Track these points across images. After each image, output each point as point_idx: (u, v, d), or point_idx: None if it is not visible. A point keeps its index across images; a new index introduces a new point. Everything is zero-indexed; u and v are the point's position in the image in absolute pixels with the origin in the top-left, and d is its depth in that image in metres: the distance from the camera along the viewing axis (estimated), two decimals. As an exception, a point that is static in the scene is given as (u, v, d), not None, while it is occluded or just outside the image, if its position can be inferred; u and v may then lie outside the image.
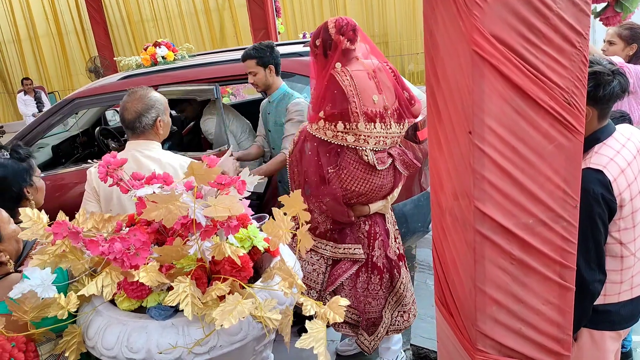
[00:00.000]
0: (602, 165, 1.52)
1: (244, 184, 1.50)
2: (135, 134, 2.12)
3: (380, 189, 2.30)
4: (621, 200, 1.52)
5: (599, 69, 1.53)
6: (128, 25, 10.29)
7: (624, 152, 1.57)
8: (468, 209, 1.23)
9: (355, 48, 2.18)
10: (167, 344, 1.38)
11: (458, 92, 1.18)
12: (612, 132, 1.62)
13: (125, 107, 2.11)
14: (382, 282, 2.46)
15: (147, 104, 2.09)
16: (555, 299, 1.28)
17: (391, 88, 2.23)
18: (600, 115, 1.58)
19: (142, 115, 2.08)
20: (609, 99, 1.54)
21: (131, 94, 2.15)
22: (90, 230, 1.48)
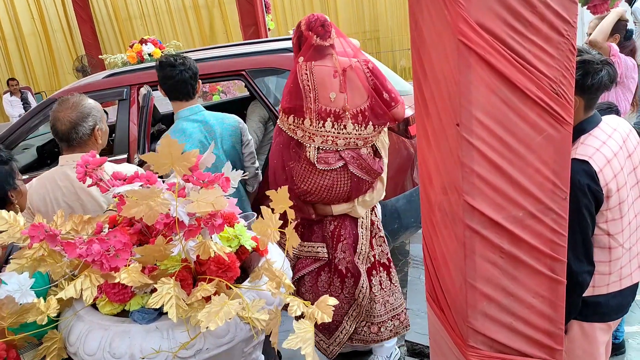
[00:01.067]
0: (587, 155, 1.50)
1: (228, 181, 1.46)
2: (70, 146, 1.93)
3: (328, 189, 2.19)
4: (608, 190, 1.50)
5: (588, 57, 1.50)
6: (115, 22, 10.16)
7: (610, 143, 1.55)
8: (457, 203, 1.20)
9: (329, 44, 2.14)
10: (150, 349, 1.34)
11: (445, 84, 1.14)
12: (598, 122, 1.60)
13: (57, 118, 1.90)
14: (344, 287, 2.36)
15: (83, 112, 1.91)
16: (546, 292, 1.26)
17: (361, 88, 2.17)
18: (587, 105, 1.56)
19: (78, 125, 1.90)
20: (597, 89, 1.52)
21: (62, 102, 1.95)
22: (69, 233, 1.44)
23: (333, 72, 2.12)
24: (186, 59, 2.40)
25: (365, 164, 2.19)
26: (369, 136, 2.19)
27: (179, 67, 2.35)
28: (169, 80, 2.37)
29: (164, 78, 2.38)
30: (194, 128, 2.38)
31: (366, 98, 2.17)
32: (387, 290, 2.46)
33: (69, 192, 1.92)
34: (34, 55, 10.54)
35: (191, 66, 2.39)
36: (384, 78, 2.23)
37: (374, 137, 2.23)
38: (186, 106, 2.42)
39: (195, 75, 2.41)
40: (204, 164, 1.54)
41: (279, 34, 8.82)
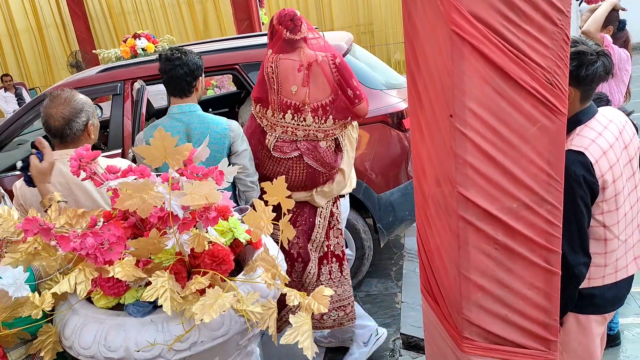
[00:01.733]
0: (583, 147, 1.50)
1: (222, 175, 1.46)
2: (64, 142, 1.90)
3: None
4: (603, 182, 1.50)
5: (583, 48, 1.50)
6: (109, 17, 10.10)
7: (606, 134, 1.55)
8: (451, 194, 1.20)
9: (299, 38, 2.20)
10: (145, 342, 1.34)
11: (438, 75, 1.14)
12: (594, 114, 1.60)
13: (50, 114, 1.87)
14: (293, 271, 2.43)
15: (76, 108, 1.89)
16: (541, 284, 1.26)
17: (325, 84, 2.21)
18: (583, 96, 1.56)
19: (72, 121, 1.87)
20: (592, 80, 1.52)
21: (54, 98, 1.90)
22: (63, 227, 1.43)
23: (298, 66, 2.18)
24: (185, 55, 2.26)
25: (320, 156, 2.27)
26: (329, 129, 2.26)
27: (174, 61, 2.23)
28: (163, 75, 2.28)
29: (160, 71, 2.30)
30: (173, 128, 2.23)
31: (329, 93, 2.23)
32: (335, 281, 2.51)
33: (62, 188, 1.91)
34: (28, 52, 10.47)
35: (188, 62, 2.24)
36: (350, 75, 2.26)
37: (336, 131, 2.29)
38: (179, 103, 2.30)
39: (193, 72, 2.25)
40: (199, 158, 1.54)
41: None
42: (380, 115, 3.20)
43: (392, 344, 2.90)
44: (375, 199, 3.24)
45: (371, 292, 3.43)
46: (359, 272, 3.37)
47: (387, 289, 3.44)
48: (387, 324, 3.07)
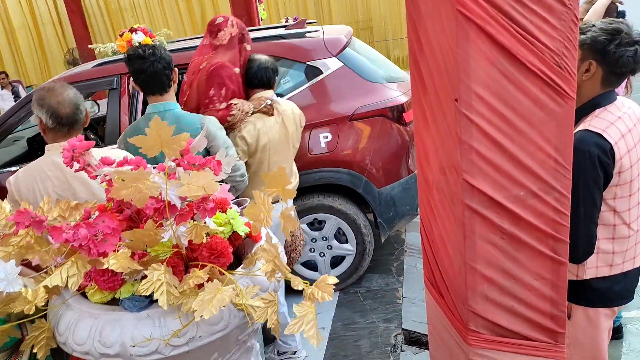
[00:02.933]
0: (601, 128, 1.47)
1: (220, 165, 1.42)
2: (73, 129, 1.87)
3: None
4: (621, 165, 1.47)
5: (623, 27, 1.46)
6: (106, 14, 10.03)
7: (625, 118, 1.52)
8: (456, 182, 1.16)
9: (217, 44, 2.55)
10: (142, 337, 1.30)
11: (442, 58, 1.10)
12: (614, 100, 1.57)
13: (58, 102, 1.82)
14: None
15: (76, 94, 1.88)
16: (548, 274, 1.22)
17: (198, 88, 2.52)
18: (606, 78, 1.51)
19: (80, 104, 1.86)
20: (618, 60, 1.46)
21: (51, 89, 1.85)
22: (56, 219, 1.39)
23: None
24: (156, 48, 2.18)
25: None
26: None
27: (149, 58, 2.12)
28: (140, 74, 2.15)
29: (135, 72, 2.17)
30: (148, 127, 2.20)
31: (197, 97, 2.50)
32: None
33: (59, 181, 1.87)
34: (25, 49, 10.40)
35: (163, 55, 2.16)
36: (212, 85, 2.46)
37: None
38: (158, 101, 2.20)
39: (169, 64, 2.18)
40: (195, 148, 1.50)
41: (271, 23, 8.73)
42: (380, 108, 3.16)
43: (393, 339, 2.87)
44: (376, 194, 3.20)
45: (372, 288, 3.40)
46: (359, 268, 3.34)
47: (388, 285, 3.40)
48: (389, 319, 3.04)
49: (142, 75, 2.14)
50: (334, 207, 3.20)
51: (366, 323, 3.04)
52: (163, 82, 2.17)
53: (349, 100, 3.20)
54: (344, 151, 3.15)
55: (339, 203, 3.21)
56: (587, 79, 1.51)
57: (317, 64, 3.24)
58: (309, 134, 3.14)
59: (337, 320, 3.09)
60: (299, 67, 3.29)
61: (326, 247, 3.30)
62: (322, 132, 3.17)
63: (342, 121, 3.16)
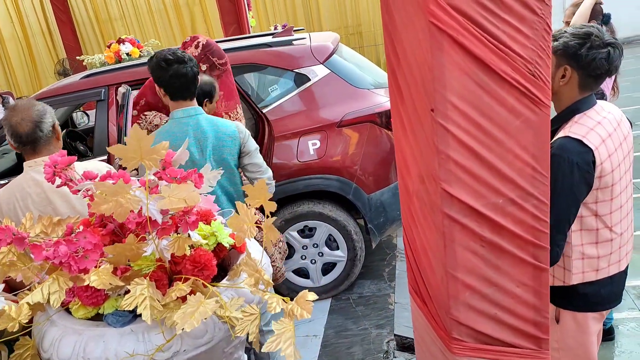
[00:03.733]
0: (581, 134, 1.48)
1: (201, 177, 1.42)
2: (37, 147, 1.84)
3: None
4: (602, 170, 1.47)
5: (593, 31, 1.48)
6: (96, 24, 10.01)
7: (605, 123, 1.52)
8: (435, 191, 1.17)
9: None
10: (126, 353, 1.30)
11: (418, 69, 1.11)
12: (593, 105, 1.57)
13: (17, 122, 1.81)
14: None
15: (40, 110, 1.84)
16: (530, 281, 1.23)
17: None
18: (582, 83, 1.52)
19: (41, 122, 1.82)
20: (591, 64, 1.48)
21: (14, 108, 1.85)
22: (39, 235, 1.39)
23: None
24: (187, 54, 2.19)
25: None
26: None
27: (187, 63, 2.13)
28: (180, 79, 2.12)
29: (173, 77, 2.12)
30: (182, 133, 2.17)
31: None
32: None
33: (39, 198, 1.86)
34: (15, 60, 10.36)
35: (194, 62, 2.19)
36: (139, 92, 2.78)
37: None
38: (185, 106, 2.20)
39: (198, 72, 2.23)
40: (178, 161, 1.49)
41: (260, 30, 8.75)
42: (368, 114, 3.18)
43: (386, 345, 2.86)
44: (366, 200, 3.21)
45: (364, 294, 3.39)
46: (351, 274, 3.34)
47: (380, 290, 3.40)
48: (381, 325, 3.04)
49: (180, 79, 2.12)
50: (324, 214, 3.20)
51: (359, 330, 3.03)
52: (191, 88, 2.19)
53: (337, 107, 3.21)
54: (333, 158, 3.16)
55: (329, 210, 3.21)
56: (564, 85, 1.52)
57: (304, 71, 3.26)
58: (298, 141, 3.15)
59: (330, 328, 3.09)
60: (287, 74, 3.30)
61: (317, 254, 3.29)
62: (310, 139, 3.17)
63: (331, 128, 3.17)
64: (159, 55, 2.18)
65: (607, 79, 2.99)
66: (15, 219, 1.83)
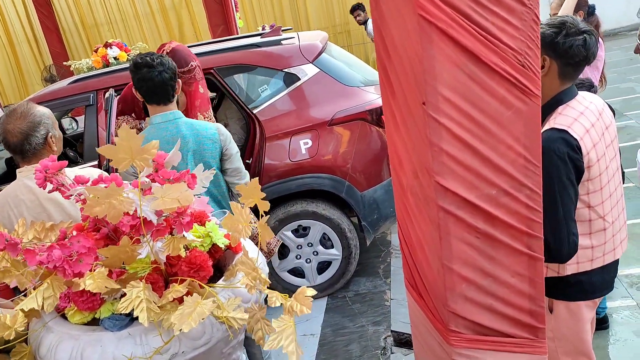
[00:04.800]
0: (566, 125, 1.49)
1: (194, 178, 1.41)
2: (26, 158, 1.84)
3: None
4: (589, 160, 1.49)
5: (568, 19, 1.51)
6: (82, 29, 9.92)
7: (587, 113, 1.54)
8: (429, 185, 1.18)
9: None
10: (124, 357, 1.29)
11: (408, 62, 1.11)
12: (575, 95, 1.60)
13: (7, 130, 1.82)
14: None
15: (33, 121, 1.82)
16: (525, 271, 1.24)
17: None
18: (562, 72, 1.54)
19: (30, 135, 1.81)
20: (569, 51, 1.50)
21: (11, 113, 1.85)
22: (32, 241, 1.38)
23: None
24: (163, 58, 2.19)
25: None
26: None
27: (157, 67, 2.13)
28: (147, 83, 2.13)
29: (141, 80, 2.15)
30: (161, 138, 2.14)
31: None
32: None
33: (33, 204, 1.85)
34: (1, 68, 10.25)
35: (170, 65, 2.18)
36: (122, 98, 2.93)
37: None
38: (162, 111, 2.20)
39: (175, 74, 2.21)
40: (170, 163, 1.49)
41: (248, 31, 8.73)
42: (358, 112, 3.18)
43: (383, 342, 2.87)
44: (359, 197, 3.21)
45: (360, 291, 3.40)
46: (346, 272, 3.34)
47: (375, 287, 3.41)
48: (378, 322, 3.04)
49: (150, 83, 2.13)
50: (317, 213, 3.20)
51: (355, 327, 3.04)
52: (168, 92, 2.18)
53: (328, 106, 3.21)
54: (324, 156, 3.16)
55: (322, 208, 3.21)
56: (544, 75, 1.54)
57: (294, 70, 3.25)
58: (289, 140, 3.15)
59: (327, 326, 3.09)
60: (276, 74, 3.30)
61: (312, 253, 3.30)
62: (302, 139, 3.17)
63: (322, 126, 3.17)
64: (133, 60, 2.21)
65: (594, 71, 3.04)
66: (9, 226, 1.81)
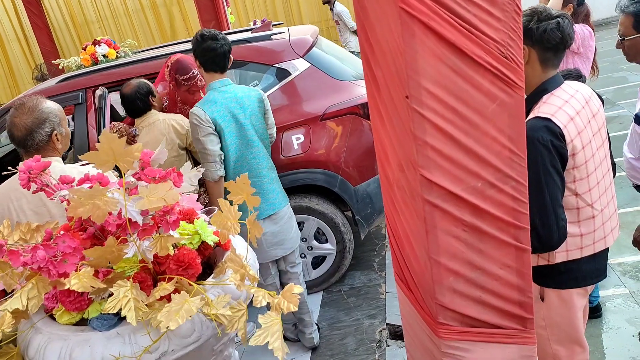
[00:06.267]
0: (550, 113, 1.50)
1: (180, 176, 1.40)
2: (28, 152, 1.85)
3: None
4: (573, 147, 1.49)
5: (540, 7, 1.54)
6: (72, 27, 9.85)
7: (572, 102, 1.54)
8: (414, 178, 1.17)
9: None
10: (112, 357, 1.28)
11: (391, 56, 1.11)
12: (560, 83, 1.60)
13: (13, 123, 1.83)
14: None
15: (39, 118, 1.83)
16: (513, 262, 1.24)
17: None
18: (542, 59, 1.55)
19: (34, 131, 1.82)
20: (543, 35, 1.51)
21: (19, 107, 1.86)
22: (17, 242, 1.37)
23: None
24: (223, 34, 2.49)
25: None
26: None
27: (220, 41, 2.44)
28: (210, 53, 2.43)
29: (205, 50, 2.44)
30: (225, 99, 2.47)
31: None
32: None
33: (33, 198, 1.84)
34: (-9, 67, 10.17)
35: (228, 41, 2.50)
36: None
37: None
38: (219, 78, 2.50)
39: (230, 49, 2.51)
40: (156, 161, 1.48)
41: (240, 26, 8.68)
42: (350, 106, 3.17)
43: (378, 335, 2.88)
44: (352, 192, 3.21)
45: (355, 285, 3.41)
46: (341, 266, 3.34)
47: (370, 281, 3.42)
48: (373, 315, 3.05)
49: (212, 53, 2.43)
50: (311, 208, 3.20)
51: (351, 321, 3.05)
52: (225, 63, 2.51)
53: (319, 100, 3.20)
54: (317, 151, 3.15)
55: (315, 203, 3.21)
56: (525, 64, 1.54)
57: (285, 65, 3.24)
58: (282, 135, 3.13)
59: (322, 320, 3.10)
60: (267, 69, 3.28)
61: (306, 248, 3.29)
62: (294, 134, 3.16)
63: (314, 121, 3.16)
64: (198, 32, 2.51)
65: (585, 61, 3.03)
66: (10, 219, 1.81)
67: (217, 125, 2.43)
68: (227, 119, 2.46)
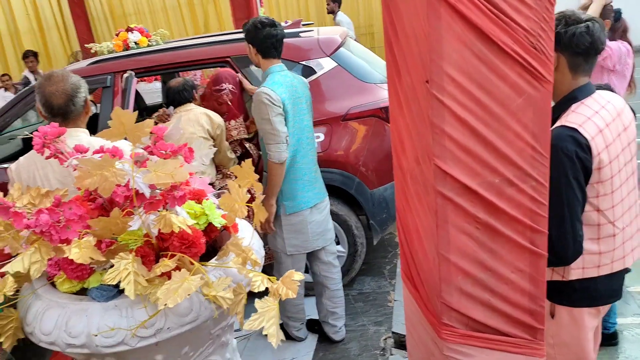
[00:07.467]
0: (577, 123, 1.42)
1: (192, 152, 1.38)
2: (67, 119, 1.85)
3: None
4: (600, 161, 1.42)
5: (567, 12, 1.47)
6: (110, 19, 10.07)
7: (603, 113, 1.47)
8: (429, 170, 1.12)
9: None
10: (108, 328, 1.27)
11: (415, 39, 1.07)
12: (592, 92, 1.52)
13: (50, 92, 1.82)
14: None
15: (75, 84, 1.85)
16: (527, 267, 1.18)
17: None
18: (572, 65, 1.48)
19: (74, 96, 1.83)
20: (572, 39, 1.44)
21: (49, 77, 1.86)
22: (26, 206, 1.36)
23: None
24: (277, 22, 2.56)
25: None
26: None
27: (278, 27, 2.52)
28: (271, 39, 2.48)
29: (266, 37, 2.48)
30: (287, 83, 2.51)
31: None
32: None
33: (60, 168, 1.85)
34: (29, 53, 10.45)
35: (282, 28, 2.57)
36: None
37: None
38: (275, 63, 2.54)
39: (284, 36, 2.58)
40: (169, 137, 1.47)
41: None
42: (373, 109, 3.13)
43: (383, 342, 2.81)
44: (369, 195, 3.16)
45: (364, 290, 3.35)
46: (351, 270, 3.29)
47: (380, 287, 3.35)
48: (379, 322, 2.99)
49: (273, 39, 2.49)
50: (325, 208, 3.15)
51: (356, 326, 2.99)
52: (281, 49, 2.57)
53: (343, 100, 3.17)
54: (336, 151, 3.12)
55: (330, 204, 3.16)
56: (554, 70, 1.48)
57: (311, 63, 3.22)
58: (302, 133, 3.10)
59: (327, 323, 3.04)
60: (294, 66, 3.26)
61: (318, 249, 3.25)
62: (315, 132, 3.13)
63: (335, 121, 3.12)
64: (254, 19, 2.55)
65: (622, 79, 2.93)
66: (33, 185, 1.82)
67: (284, 106, 2.45)
68: (292, 102, 2.48)
